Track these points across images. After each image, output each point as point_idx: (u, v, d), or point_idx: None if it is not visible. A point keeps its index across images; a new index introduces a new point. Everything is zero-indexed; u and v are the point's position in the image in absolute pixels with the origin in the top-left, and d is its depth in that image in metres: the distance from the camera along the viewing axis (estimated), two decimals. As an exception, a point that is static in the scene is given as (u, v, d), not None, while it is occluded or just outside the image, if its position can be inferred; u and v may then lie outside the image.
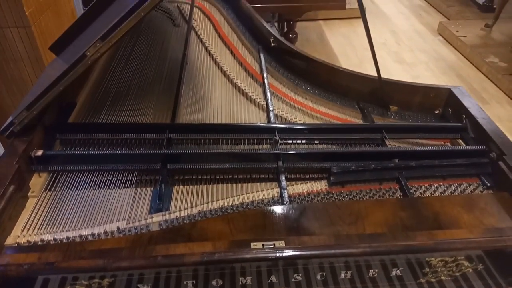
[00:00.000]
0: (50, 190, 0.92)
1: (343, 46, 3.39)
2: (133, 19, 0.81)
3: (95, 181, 0.94)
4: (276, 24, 3.30)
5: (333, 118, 1.24)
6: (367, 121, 1.21)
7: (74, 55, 0.92)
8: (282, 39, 1.49)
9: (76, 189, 0.93)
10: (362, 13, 1.15)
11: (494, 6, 3.58)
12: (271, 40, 1.51)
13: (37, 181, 0.94)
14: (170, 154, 0.97)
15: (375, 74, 1.22)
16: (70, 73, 0.87)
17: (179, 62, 1.46)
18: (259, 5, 2.53)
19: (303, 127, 1.11)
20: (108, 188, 0.93)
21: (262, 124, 1.14)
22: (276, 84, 1.39)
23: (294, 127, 1.12)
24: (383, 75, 3.21)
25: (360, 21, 1.20)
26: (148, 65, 1.48)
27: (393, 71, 3.11)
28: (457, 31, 3.41)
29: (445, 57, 3.30)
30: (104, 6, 1.04)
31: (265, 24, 1.60)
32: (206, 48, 1.57)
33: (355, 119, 1.25)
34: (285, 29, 2.86)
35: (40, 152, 0.94)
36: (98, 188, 0.93)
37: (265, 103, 1.27)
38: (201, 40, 1.62)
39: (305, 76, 1.40)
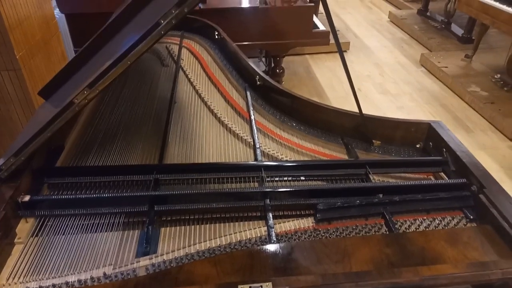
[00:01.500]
0: (37, 235, 0.92)
1: (329, 79, 3.49)
2: (120, 67, 0.84)
3: (82, 224, 0.94)
4: (263, 59, 3.39)
5: (319, 153, 1.27)
6: (352, 156, 1.24)
7: (62, 101, 0.94)
8: (267, 77, 1.53)
9: (63, 233, 0.93)
10: (341, 55, 1.20)
11: (473, 38, 3.73)
12: (257, 78, 1.56)
13: (24, 227, 0.93)
14: (157, 195, 0.97)
15: (362, 106, 1.26)
16: (58, 119, 0.89)
17: (167, 101, 1.49)
18: (248, 43, 2.62)
19: (289, 164, 1.14)
20: (95, 231, 0.93)
21: (249, 163, 1.16)
22: (263, 121, 1.43)
23: (280, 164, 1.14)
24: (368, 107, 3.30)
25: (344, 55, 1.25)
26: (137, 105, 1.51)
27: (378, 103, 3.19)
28: (438, 62, 3.54)
29: (428, 87, 3.41)
30: (93, 52, 1.07)
31: (250, 63, 1.65)
32: (194, 87, 1.61)
33: (340, 154, 1.28)
34: (272, 64, 2.94)
35: (27, 198, 0.94)
36: (85, 232, 0.93)
37: (252, 140, 1.29)
38: (189, 79, 1.67)
39: (291, 112, 1.44)
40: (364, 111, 1.27)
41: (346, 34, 4.32)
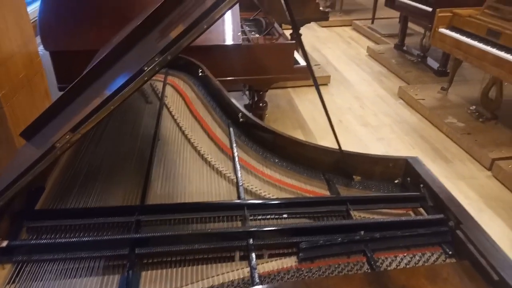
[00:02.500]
0: (13, 282, 0.90)
1: (311, 111, 3.57)
2: (102, 112, 0.86)
3: (61, 269, 0.92)
4: (247, 92, 3.46)
5: (301, 190, 1.28)
6: (333, 192, 1.26)
7: (44, 144, 0.94)
8: (249, 114, 1.57)
9: (41, 280, 0.90)
10: (318, 93, 1.25)
11: (448, 71, 3.90)
12: (240, 115, 1.59)
13: (0, 274, 0.91)
14: (138, 238, 0.97)
15: (342, 139, 1.30)
16: (39, 163, 0.89)
17: (151, 139, 1.51)
18: (231, 78, 2.68)
19: (271, 202, 1.15)
20: (74, 277, 0.91)
21: (232, 201, 1.17)
22: (246, 157, 1.45)
23: (263, 202, 1.15)
24: (350, 139, 3.36)
25: (326, 88, 1.29)
26: (120, 142, 1.51)
27: (359, 134, 3.26)
28: (416, 94, 3.67)
29: (407, 119, 3.51)
30: (77, 94, 1.09)
31: (233, 99, 1.69)
32: (177, 124, 1.63)
33: (322, 190, 1.30)
34: (256, 98, 3.00)
35: (4, 243, 0.92)
36: (63, 278, 0.91)
37: (235, 177, 1.30)
38: (173, 117, 1.69)
39: (273, 149, 1.46)
40: (346, 143, 1.31)
41: (327, 68, 4.45)
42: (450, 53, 3.42)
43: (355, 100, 3.83)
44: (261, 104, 3.00)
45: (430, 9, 3.62)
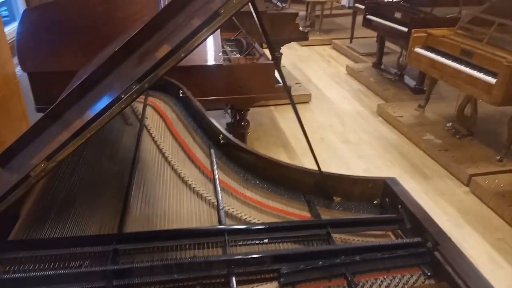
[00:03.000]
0: (-18, 318, 0.86)
1: (293, 129, 3.60)
2: (79, 139, 0.85)
3: (35, 303, 0.89)
4: (229, 111, 3.47)
5: (282, 212, 1.29)
6: (314, 214, 1.27)
7: (18, 172, 0.92)
8: (230, 136, 1.57)
9: (12, 314, 0.87)
10: (295, 112, 1.27)
11: (424, 89, 4.01)
12: (220, 137, 1.59)
13: (-32, 310, 0.87)
14: (115, 269, 0.94)
15: (324, 156, 1.31)
16: (13, 193, 0.87)
17: (130, 162, 1.49)
18: (213, 98, 2.69)
19: (252, 227, 1.14)
20: (48, 310, 0.88)
21: (212, 227, 1.16)
22: (227, 179, 1.44)
23: (243, 228, 1.15)
24: (331, 156, 3.39)
25: (307, 106, 1.31)
26: (98, 166, 1.49)
27: (340, 152, 3.30)
28: (394, 112, 3.75)
29: (386, 136, 3.58)
30: (54, 119, 1.07)
31: (214, 120, 1.69)
32: (158, 146, 1.62)
33: (303, 212, 1.30)
34: (238, 117, 3.01)
35: (-26, 277, 0.89)
36: (37, 312, 0.88)
37: (215, 200, 1.30)
38: (153, 138, 1.67)
39: (254, 170, 1.46)
40: (328, 161, 1.33)
41: (308, 86, 4.52)
42: (425, 72, 3.53)
43: (336, 118, 3.88)
44: (243, 123, 3.02)
45: (405, 29, 3.75)
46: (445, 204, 2.70)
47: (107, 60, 1.01)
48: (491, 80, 2.64)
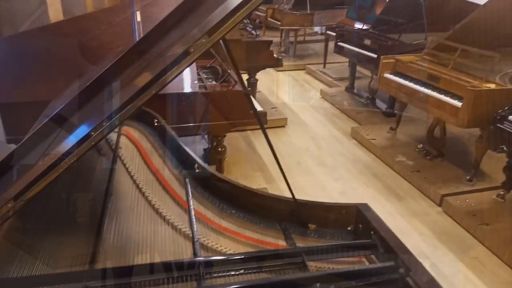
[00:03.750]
0: None
1: (270, 154, 3.61)
2: (47, 178, 0.84)
3: None
4: (206, 136, 3.48)
5: (257, 242, 1.28)
6: (289, 242, 1.27)
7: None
8: (205, 165, 1.57)
9: None
10: (266, 137, 1.29)
11: (395, 111, 4.14)
12: (195, 166, 1.59)
13: None
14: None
15: (301, 180, 1.32)
16: (-23, 234, 0.84)
17: (103, 194, 1.46)
18: (189, 124, 2.70)
19: (227, 258, 1.14)
20: None
21: (186, 260, 1.14)
22: (202, 209, 1.44)
23: (218, 259, 1.14)
24: (309, 179, 3.42)
25: (283, 130, 1.33)
26: (69, 199, 1.45)
27: (317, 175, 3.34)
28: (367, 134, 3.85)
29: (361, 158, 3.65)
30: (21, 156, 1.05)
31: (189, 151, 1.69)
32: (132, 177, 1.60)
33: (278, 241, 1.30)
34: (215, 143, 3.02)
35: None
36: None
37: (190, 232, 1.28)
38: (127, 169, 1.65)
39: (229, 200, 1.46)
40: (305, 184, 1.34)
41: (284, 110, 4.60)
42: (395, 97, 3.66)
43: (312, 141, 3.95)
44: (220, 149, 3.02)
45: (375, 55, 3.90)
46: (419, 225, 2.75)
47: (78, 95, 1.01)
48: (457, 103, 2.76)
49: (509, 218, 2.70)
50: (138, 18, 2.57)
